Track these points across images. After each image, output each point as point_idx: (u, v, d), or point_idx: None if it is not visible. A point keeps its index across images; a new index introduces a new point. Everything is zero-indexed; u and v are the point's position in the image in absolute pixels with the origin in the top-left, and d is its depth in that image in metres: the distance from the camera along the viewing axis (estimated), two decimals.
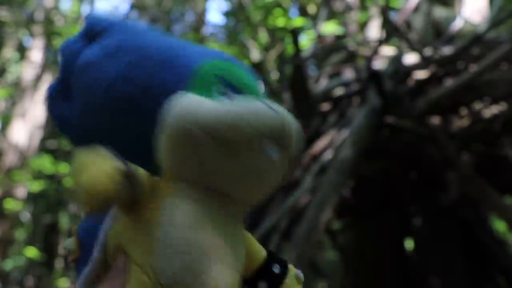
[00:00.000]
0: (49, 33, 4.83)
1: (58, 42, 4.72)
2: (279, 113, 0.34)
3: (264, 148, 0.34)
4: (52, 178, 4.77)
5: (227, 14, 4.85)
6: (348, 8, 3.28)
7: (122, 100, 0.38)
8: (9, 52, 5.74)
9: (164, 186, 0.35)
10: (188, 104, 0.35)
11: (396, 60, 2.14)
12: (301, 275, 0.42)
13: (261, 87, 0.42)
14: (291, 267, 0.41)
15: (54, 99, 0.43)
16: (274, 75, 2.96)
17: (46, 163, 4.33)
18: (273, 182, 0.37)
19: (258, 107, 0.35)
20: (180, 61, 0.39)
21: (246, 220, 0.38)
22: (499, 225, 3.45)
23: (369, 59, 1.98)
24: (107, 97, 0.38)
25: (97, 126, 0.39)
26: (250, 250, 0.38)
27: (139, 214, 0.34)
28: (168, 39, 0.42)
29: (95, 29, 0.42)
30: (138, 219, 0.34)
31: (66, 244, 0.39)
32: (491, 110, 1.96)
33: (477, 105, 1.99)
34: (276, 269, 0.39)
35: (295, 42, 1.92)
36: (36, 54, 5.06)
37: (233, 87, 0.38)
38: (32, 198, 5.21)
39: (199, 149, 0.34)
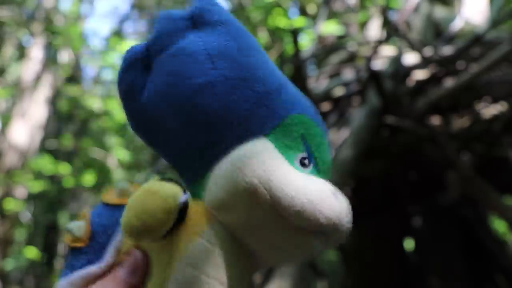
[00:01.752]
0: (49, 33, 4.83)
1: (58, 42, 4.72)
2: (344, 210, 0.33)
3: (315, 238, 0.33)
4: (52, 178, 4.77)
5: None
6: (348, 8, 3.27)
7: (201, 111, 0.34)
8: (9, 51, 5.74)
9: (201, 218, 0.33)
10: (267, 160, 0.32)
11: (396, 60, 2.14)
12: None
13: (331, 156, 0.38)
14: None
15: (132, 64, 0.38)
16: None
17: (46, 163, 4.33)
18: (301, 260, 0.35)
19: (325, 193, 0.32)
20: (273, 101, 0.35)
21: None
22: (499, 225, 3.45)
23: (369, 59, 1.97)
24: (188, 97, 0.35)
25: (164, 115, 0.36)
26: None
27: (170, 236, 0.32)
28: (271, 68, 0.37)
29: (207, 17, 0.37)
30: (167, 240, 0.33)
31: (72, 227, 0.36)
32: (491, 110, 1.96)
33: (477, 105, 1.99)
34: None
35: (295, 42, 1.91)
36: (36, 53, 5.06)
37: (312, 158, 0.35)
38: (32, 198, 5.21)
39: (255, 208, 0.31)
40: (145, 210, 0.30)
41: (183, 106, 0.34)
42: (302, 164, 0.34)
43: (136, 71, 0.38)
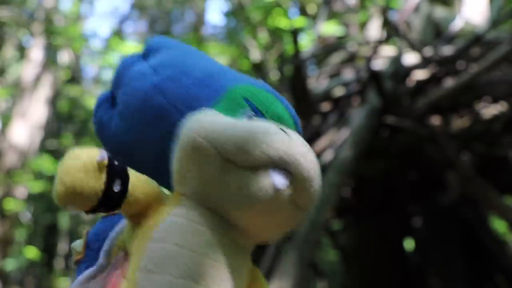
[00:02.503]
0: (49, 33, 4.83)
1: (58, 42, 4.72)
2: (296, 145, 0.33)
3: (270, 174, 0.32)
4: (52, 179, 4.76)
5: (227, 14, 4.84)
6: (348, 8, 3.27)
7: (154, 110, 0.41)
8: (9, 52, 5.74)
9: (171, 200, 0.35)
10: (204, 118, 0.35)
11: (396, 60, 2.14)
12: None
13: (296, 120, 0.42)
14: None
15: (101, 105, 0.47)
16: (274, 75, 2.96)
17: (46, 163, 4.33)
18: (282, 220, 0.35)
19: (270, 129, 0.33)
20: (215, 81, 0.41)
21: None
22: (499, 225, 3.45)
23: (369, 59, 1.97)
24: (141, 105, 0.41)
25: (130, 133, 0.42)
26: (253, 285, 0.37)
27: (143, 224, 0.35)
28: (213, 62, 0.45)
29: (150, 48, 0.46)
30: (141, 229, 0.35)
31: (74, 245, 0.41)
32: (491, 110, 1.96)
33: (477, 105, 1.99)
34: None
35: (295, 42, 1.91)
36: (36, 53, 5.06)
37: (259, 113, 0.40)
38: (32, 198, 5.21)
39: (205, 163, 0.33)
40: (66, 173, 0.32)
41: (139, 109, 0.41)
42: (249, 118, 0.38)
43: (104, 109, 0.46)
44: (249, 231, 0.35)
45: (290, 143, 0.33)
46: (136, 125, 0.41)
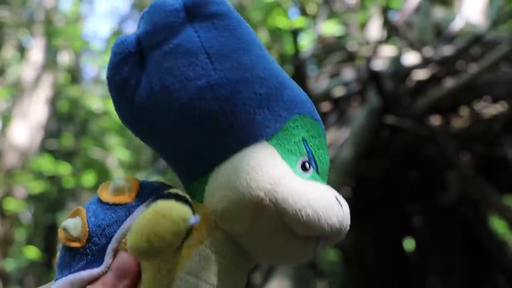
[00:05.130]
0: (49, 33, 4.83)
1: (58, 42, 4.72)
2: (345, 216, 0.33)
3: (317, 243, 0.33)
4: (52, 179, 4.77)
5: None
6: (348, 8, 3.27)
7: (202, 114, 0.32)
8: (9, 52, 5.74)
9: (203, 225, 0.32)
10: (275, 176, 0.31)
11: (396, 60, 2.14)
12: None
13: (329, 157, 0.36)
14: None
15: (127, 59, 0.35)
16: None
17: (46, 163, 4.33)
18: (301, 262, 0.35)
19: (332, 201, 0.32)
20: (282, 100, 0.34)
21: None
22: (499, 225, 3.45)
23: (369, 59, 1.97)
24: (188, 100, 0.33)
25: (157, 117, 0.34)
26: None
27: None
28: (272, 64, 0.35)
29: (204, 9, 0.34)
30: None
31: (66, 225, 0.34)
32: (491, 110, 1.96)
33: (477, 105, 1.99)
34: None
35: (295, 42, 1.91)
36: (36, 54, 5.06)
37: (313, 161, 0.34)
38: (32, 198, 5.21)
39: (259, 220, 0.31)
40: (155, 234, 0.29)
41: (182, 108, 0.33)
42: (303, 167, 0.33)
43: (130, 66, 0.34)
44: (262, 262, 0.35)
45: (342, 217, 0.33)
46: (173, 115, 0.33)
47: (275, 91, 0.34)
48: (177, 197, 0.32)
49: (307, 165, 0.33)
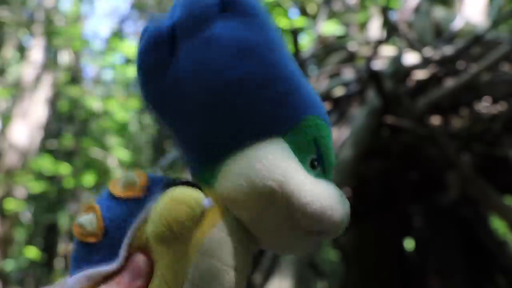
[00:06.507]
0: (49, 33, 4.83)
1: (58, 42, 4.72)
2: (347, 214, 0.35)
3: (318, 237, 0.35)
4: (52, 179, 4.77)
5: None
6: (348, 8, 3.28)
7: (226, 106, 0.34)
8: (9, 52, 5.74)
9: (216, 210, 0.34)
10: (286, 168, 0.33)
11: (396, 60, 2.14)
12: None
13: (334, 156, 0.38)
14: None
15: (160, 44, 0.36)
16: None
17: (46, 163, 4.33)
18: (300, 253, 0.38)
19: (338, 206, 0.34)
20: (294, 101, 0.35)
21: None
22: (499, 225, 3.45)
23: (369, 59, 1.98)
24: (215, 92, 0.34)
25: (180, 103, 0.35)
26: None
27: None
28: (292, 65, 0.37)
29: (238, 5, 0.35)
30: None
31: (83, 221, 0.35)
32: (491, 110, 1.96)
33: (477, 105, 1.99)
34: None
35: (295, 42, 1.91)
36: (36, 54, 5.06)
37: (319, 155, 0.36)
38: (32, 198, 5.21)
39: (268, 213, 0.33)
40: (174, 219, 0.32)
41: (208, 98, 0.34)
42: (312, 165, 0.35)
43: (162, 52, 0.36)
44: (267, 248, 0.37)
45: (345, 215, 0.35)
46: (198, 104, 0.35)
47: (293, 90, 0.35)
48: (188, 184, 0.35)
49: (315, 163, 0.35)
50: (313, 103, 0.36)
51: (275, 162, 0.33)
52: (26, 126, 4.79)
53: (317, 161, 0.35)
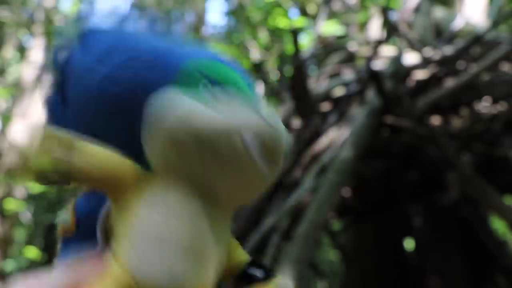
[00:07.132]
0: (49, 33, 4.83)
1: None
2: (270, 124, 0.35)
3: (252, 157, 0.34)
4: None
5: (227, 14, 4.85)
6: (348, 8, 3.28)
7: (111, 101, 0.39)
8: (9, 52, 5.74)
9: (150, 179, 0.35)
10: (177, 106, 0.35)
11: (396, 60, 2.14)
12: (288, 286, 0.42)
13: (251, 84, 0.42)
14: (278, 276, 0.41)
15: (53, 103, 0.44)
16: (274, 75, 2.96)
17: None
18: (260, 189, 0.37)
19: (248, 116, 0.35)
20: (166, 61, 0.40)
21: (234, 221, 0.39)
22: (499, 225, 3.45)
23: (369, 59, 1.98)
24: (97, 100, 0.39)
25: (90, 130, 0.39)
26: (232, 253, 0.38)
27: (124, 204, 0.35)
28: (159, 41, 0.43)
29: (83, 34, 0.43)
30: (122, 209, 0.35)
31: (60, 219, 0.40)
32: (491, 110, 1.96)
33: (477, 105, 2.00)
34: (259, 273, 0.40)
35: (295, 42, 1.91)
36: (36, 54, 5.06)
37: (218, 84, 0.38)
38: (32, 198, 5.21)
39: (186, 153, 0.34)
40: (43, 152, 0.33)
41: (98, 105, 0.39)
42: (211, 94, 0.37)
43: (57, 108, 0.44)
44: (229, 201, 0.37)
45: (272, 130, 0.35)
46: (96, 121, 0.40)
47: (165, 52, 0.41)
48: None
49: (212, 88, 0.38)
50: (188, 54, 0.41)
51: (170, 107, 0.35)
52: (26, 126, 4.79)
53: (212, 87, 0.38)
